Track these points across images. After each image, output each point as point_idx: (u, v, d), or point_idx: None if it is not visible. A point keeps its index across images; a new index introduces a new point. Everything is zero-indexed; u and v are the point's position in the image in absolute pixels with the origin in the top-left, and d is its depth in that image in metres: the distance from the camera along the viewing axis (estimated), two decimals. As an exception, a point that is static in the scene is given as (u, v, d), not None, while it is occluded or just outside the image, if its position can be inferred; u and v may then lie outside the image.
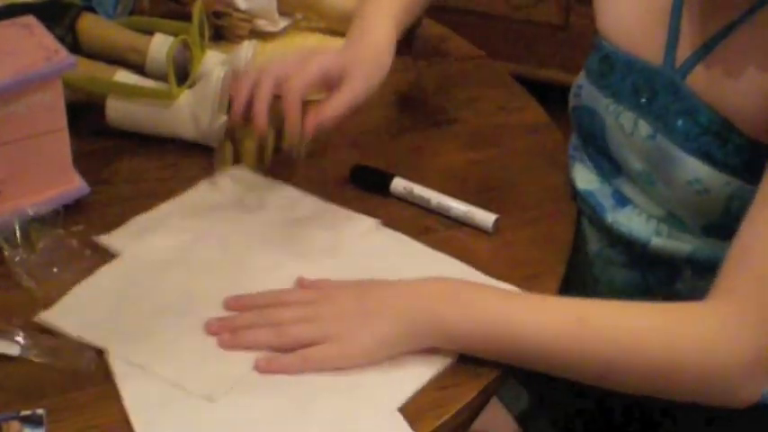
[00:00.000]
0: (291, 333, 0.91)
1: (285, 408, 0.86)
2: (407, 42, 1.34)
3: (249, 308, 0.95)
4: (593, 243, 1.17)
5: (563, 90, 1.25)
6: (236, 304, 0.95)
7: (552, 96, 1.23)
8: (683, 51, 1.04)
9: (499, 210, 1.10)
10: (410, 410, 0.87)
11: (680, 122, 1.03)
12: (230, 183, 1.15)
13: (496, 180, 1.18)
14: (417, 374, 0.90)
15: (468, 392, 0.90)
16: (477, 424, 0.99)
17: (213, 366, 0.90)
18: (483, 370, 0.92)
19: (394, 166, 1.15)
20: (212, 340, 0.93)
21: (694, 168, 1.02)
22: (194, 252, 1.04)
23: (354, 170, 1.16)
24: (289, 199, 1.13)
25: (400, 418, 0.86)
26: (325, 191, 1.13)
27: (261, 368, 0.89)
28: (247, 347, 0.90)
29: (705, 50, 1.02)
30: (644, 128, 1.06)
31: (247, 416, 0.86)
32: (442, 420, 0.87)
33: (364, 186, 1.15)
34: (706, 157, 1.01)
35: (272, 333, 0.91)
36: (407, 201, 1.13)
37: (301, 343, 0.90)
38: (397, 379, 0.89)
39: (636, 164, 1.09)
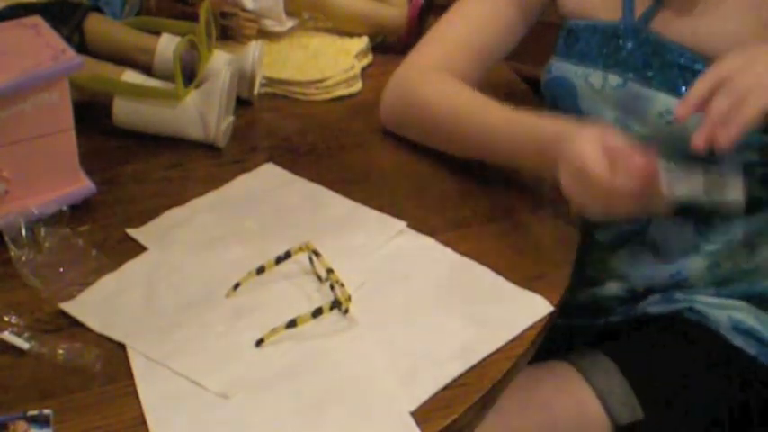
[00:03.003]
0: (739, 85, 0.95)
1: (299, 409, 0.87)
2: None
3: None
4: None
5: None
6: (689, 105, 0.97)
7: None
8: (641, 5, 1.15)
9: (505, 209, 1.10)
10: (417, 411, 0.87)
11: (646, 64, 1.13)
12: (261, 181, 1.15)
13: (501, 180, 1.18)
14: (430, 380, 0.90)
15: (474, 393, 0.89)
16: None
17: (231, 364, 0.91)
18: (489, 371, 0.92)
19: (400, 165, 1.15)
20: (233, 338, 0.93)
21: (664, 101, 1.11)
22: (221, 248, 1.04)
23: None
24: (318, 198, 1.13)
25: (412, 422, 0.86)
26: (335, 190, 1.13)
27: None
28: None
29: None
30: (613, 79, 1.16)
31: (261, 416, 0.86)
32: (449, 421, 0.87)
33: None
34: (674, 89, 1.11)
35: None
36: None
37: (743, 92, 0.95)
38: (410, 384, 0.89)
39: (608, 114, 1.16)
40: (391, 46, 1.44)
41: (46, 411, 0.84)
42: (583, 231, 1.11)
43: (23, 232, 1.00)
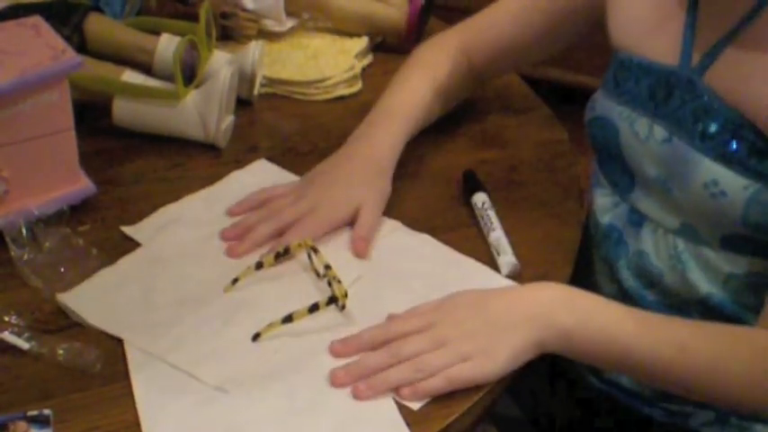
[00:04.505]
0: (432, 363, 0.89)
1: (295, 403, 0.87)
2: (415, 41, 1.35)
3: (367, 348, 0.91)
4: (607, 285, 1.14)
5: (569, 90, 1.25)
6: (349, 347, 0.91)
7: (559, 96, 1.23)
8: (700, 49, 1.00)
9: (506, 209, 1.10)
10: (418, 412, 0.87)
11: (696, 122, 0.99)
12: (255, 176, 1.15)
13: (503, 180, 1.18)
14: None
15: (474, 394, 0.89)
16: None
17: (228, 359, 0.91)
18: (490, 370, 0.92)
19: (400, 164, 1.14)
20: (230, 333, 0.93)
21: (711, 170, 0.97)
22: (216, 244, 1.04)
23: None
24: None
25: (401, 420, 0.86)
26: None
27: (407, 397, 0.87)
28: (389, 389, 0.88)
29: (722, 45, 0.98)
30: (659, 132, 1.02)
31: (257, 410, 0.86)
32: (449, 420, 0.87)
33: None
34: (723, 157, 0.97)
35: (410, 369, 0.88)
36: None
37: (442, 370, 0.89)
38: None
39: (651, 170, 1.04)
40: (391, 46, 1.44)
41: (46, 411, 0.84)
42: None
43: (24, 232, 1.00)
